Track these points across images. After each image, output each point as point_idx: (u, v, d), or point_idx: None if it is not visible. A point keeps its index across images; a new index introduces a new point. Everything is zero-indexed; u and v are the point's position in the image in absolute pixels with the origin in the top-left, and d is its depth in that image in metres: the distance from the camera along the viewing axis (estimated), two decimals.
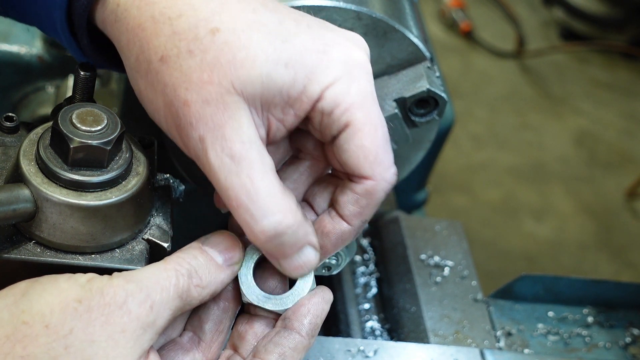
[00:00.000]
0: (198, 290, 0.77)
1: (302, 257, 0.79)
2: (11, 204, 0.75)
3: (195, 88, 0.74)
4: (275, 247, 0.77)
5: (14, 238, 0.78)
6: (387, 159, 0.80)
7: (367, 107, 0.78)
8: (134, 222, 0.81)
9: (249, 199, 0.74)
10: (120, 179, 0.79)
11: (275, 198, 0.75)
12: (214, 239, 0.81)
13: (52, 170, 0.77)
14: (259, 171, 0.74)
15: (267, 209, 0.74)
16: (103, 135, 0.77)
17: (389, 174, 0.80)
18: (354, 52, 0.80)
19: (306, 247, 0.79)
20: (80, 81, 0.86)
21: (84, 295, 0.71)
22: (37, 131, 0.81)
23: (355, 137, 0.77)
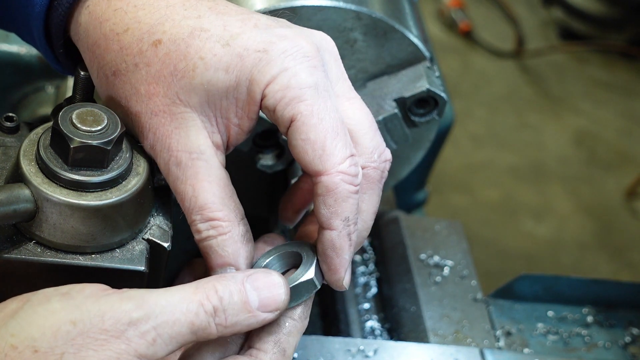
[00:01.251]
0: (219, 328, 0.73)
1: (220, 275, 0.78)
2: (11, 204, 0.75)
3: (143, 100, 0.78)
4: (204, 249, 0.80)
5: (14, 238, 0.78)
6: (337, 150, 0.77)
7: (310, 98, 0.76)
8: (134, 222, 0.81)
9: (190, 205, 0.78)
10: (121, 179, 0.79)
11: (213, 207, 0.78)
12: (261, 280, 0.76)
13: (53, 170, 0.77)
14: (202, 180, 0.78)
15: (205, 215, 0.78)
16: (103, 135, 0.77)
17: (345, 165, 0.77)
18: (298, 43, 0.78)
19: (230, 269, 0.80)
20: (80, 81, 0.86)
21: (79, 318, 0.68)
22: (37, 131, 0.81)
23: (300, 131, 0.76)
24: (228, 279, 0.75)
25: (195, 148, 0.78)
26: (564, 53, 4.27)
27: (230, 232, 0.79)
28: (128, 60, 0.78)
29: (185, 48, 0.76)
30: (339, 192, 0.77)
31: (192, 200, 0.78)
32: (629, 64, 4.26)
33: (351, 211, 0.78)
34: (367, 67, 1.02)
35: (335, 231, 0.79)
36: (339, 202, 0.77)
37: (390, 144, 1.02)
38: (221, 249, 0.79)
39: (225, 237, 0.79)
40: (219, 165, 0.80)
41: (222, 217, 0.79)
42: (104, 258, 0.79)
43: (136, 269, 0.79)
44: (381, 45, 1.00)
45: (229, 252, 0.79)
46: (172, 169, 0.79)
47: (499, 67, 4.12)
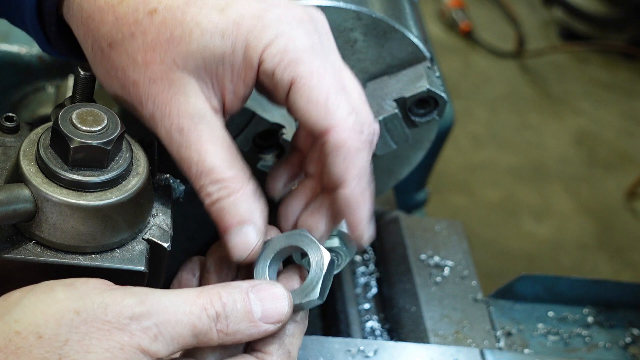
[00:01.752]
0: (220, 335, 0.73)
1: (241, 233, 0.79)
2: (11, 204, 0.75)
3: (141, 68, 0.78)
4: (218, 212, 0.79)
5: (14, 238, 0.77)
6: (341, 106, 0.77)
7: (308, 60, 0.77)
8: (134, 222, 0.81)
9: (197, 170, 0.78)
10: (120, 179, 0.79)
11: (221, 168, 0.78)
12: (266, 291, 0.76)
13: (52, 170, 0.77)
14: (206, 144, 0.78)
15: (213, 177, 0.78)
16: (103, 135, 0.77)
17: (350, 120, 0.77)
18: (292, 10, 0.79)
19: (247, 225, 0.79)
20: (80, 81, 0.86)
21: (82, 307, 0.68)
22: (37, 131, 0.81)
23: (302, 93, 0.77)
24: (233, 287, 0.75)
25: (196, 112, 0.78)
26: (564, 53, 4.27)
27: (242, 190, 0.78)
28: (124, 30, 0.78)
29: (182, 15, 0.77)
30: (348, 147, 0.77)
31: (199, 165, 0.78)
32: (630, 64, 4.26)
33: (363, 166, 0.78)
34: (367, 67, 1.02)
35: (349, 189, 0.78)
36: (350, 157, 0.77)
37: (390, 144, 1.02)
38: (235, 208, 0.78)
39: (237, 195, 0.78)
40: (221, 127, 0.79)
41: (231, 176, 0.78)
42: (103, 258, 0.79)
43: (136, 269, 0.79)
44: (381, 45, 1.00)
45: (244, 210, 0.78)
46: (174, 135, 0.78)
47: (500, 67, 4.12)
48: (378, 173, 1.13)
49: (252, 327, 0.74)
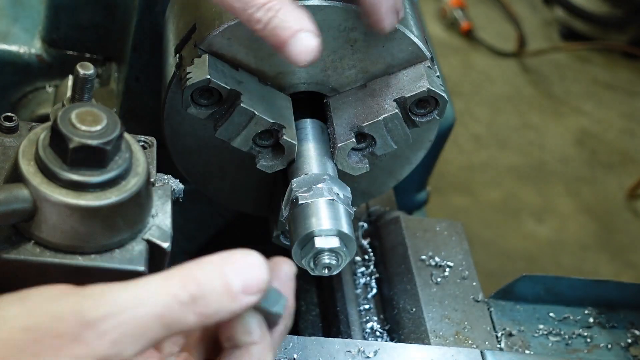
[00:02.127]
0: (200, 318, 0.68)
1: (298, 42, 0.85)
2: (10, 204, 0.75)
3: None
4: (272, 32, 0.85)
5: (13, 238, 0.77)
6: None
7: None
8: (134, 222, 0.80)
9: (240, 4, 0.85)
10: (120, 179, 0.79)
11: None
12: (240, 261, 0.71)
13: (52, 170, 0.76)
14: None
15: (257, 2, 0.85)
16: (103, 135, 0.77)
17: None
18: None
19: (301, 32, 0.85)
20: (79, 81, 0.86)
21: (32, 324, 0.64)
22: (36, 131, 0.81)
23: None
24: (204, 263, 0.70)
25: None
26: (565, 53, 4.26)
27: (285, 5, 0.85)
28: None
29: None
30: None
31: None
32: (631, 63, 4.25)
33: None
34: (367, 67, 1.02)
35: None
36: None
37: (390, 144, 1.01)
38: (286, 22, 0.85)
39: (283, 10, 0.85)
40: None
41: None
42: (103, 258, 0.78)
43: (135, 269, 0.79)
44: (381, 45, 1.00)
45: (294, 18, 0.86)
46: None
47: (500, 66, 4.12)
48: (378, 173, 1.13)
49: (233, 303, 0.69)
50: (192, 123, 1.03)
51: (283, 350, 0.98)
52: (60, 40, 1.35)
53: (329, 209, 0.95)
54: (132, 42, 1.23)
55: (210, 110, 0.98)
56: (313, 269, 0.95)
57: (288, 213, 0.97)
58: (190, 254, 1.42)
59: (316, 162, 1.00)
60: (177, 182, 0.90)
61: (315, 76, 1.02)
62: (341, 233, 0.93)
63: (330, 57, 1.00)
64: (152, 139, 0.91)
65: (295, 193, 0.97)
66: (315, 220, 0.94)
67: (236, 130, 0.98)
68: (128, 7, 1.30)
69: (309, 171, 0.99)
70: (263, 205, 1.13)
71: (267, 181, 1.09)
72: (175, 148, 1.06)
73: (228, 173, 1.10)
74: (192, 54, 0.97)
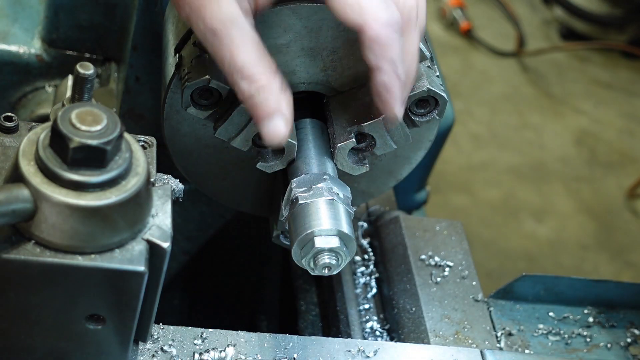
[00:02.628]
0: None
1: (272, 124, 0.89)
2: (10, 204, 0.75)
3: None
4: (251, 106, 0.89)
5: (13, 238, 0.77)
6: (374, 4, 0.86)
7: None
8: (134, 222, 0.80)
9: (230, 67, 0.88)
10: (120, 179, 0.79)
11: (251, 66, 0.88)
12: None
13: (52, 170, 0.76)
14: (238, 45, 0.87)
15: (244, 74, 0.88)
16: (102, 135, 0.77)
17: (382, 15, 0.86)
18: None
19: (277, 115, 0.89)
20: (79, 81, 0.86)
21: None
22: (36, 131, 0.81)
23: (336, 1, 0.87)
24: None
25: (228, 16, 0.87)
26: (565, 52, 4.27)
27: (270, 84, 0.89)
28: None
29: None
30: (381, 40, 0.87)
31: (232, 63, 0.88)
32: (630, 63, 4.26)
33: (396, 53, 0.89)
34: (367, 67, 1.01)
35: (383, 72, 0.89)
36: (384, 47, 0.88)
37: (390, 144, 1.01)
38: (265, 100, 0.89)
39: (266, 89, 0.89)
40: (250, 28, 0.89)
41: (261, 71, 0.88)
42: (103, 258, 0.78)
43: (136, 269, 0.79)
44: None
45: (273, 101, 0.89)
46: (208, 37, 0.88)
47: (500, 66, 4.12)
48: (378, 173, 1.13)
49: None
50: (192, 123, 1.03)
51: (283, 350, 0.99)
52: (60, 40, 1.35)
53: (328, 208, 0.95)
54: (132, 42, 1.23)
55: (210, 110, 0.98)
56: (313, 268, 0.95)
57: (288, 213, 0.97)
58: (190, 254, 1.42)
59: (316, 162, 1.00)
60: (177, 182, 0.90)
61: (315, 76, 1.02)
62: (341, 233, 0.93)
63: (330, 57, 1.00)
64: (152, 139, 0.91)
65: (295, 193, 0.97)
66: (315, 220, 0.94)
67: (236, 130, 0.98)
68: (127, 7, 1.30)
69: (309, 171, 0.99)
70: (263, 205, 1.13)
71: (267, 181, 1.09)
72: (175, 148, 1.06)
73: (228, 173, 1.10)
74: (192, 53, 0.97)
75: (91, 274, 0.78)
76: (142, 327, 0.88)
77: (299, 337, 1.01)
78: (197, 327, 0.98)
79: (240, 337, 0.98)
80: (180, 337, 0.96)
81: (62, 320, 0.81)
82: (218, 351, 0.96)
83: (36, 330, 0.82)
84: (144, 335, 0.89)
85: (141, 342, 0.92)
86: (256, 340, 0.98)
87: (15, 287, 0.78)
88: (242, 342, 0.97)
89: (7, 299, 0.79)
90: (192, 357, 0.95)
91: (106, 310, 0.81)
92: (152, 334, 0.96)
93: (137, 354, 0.93)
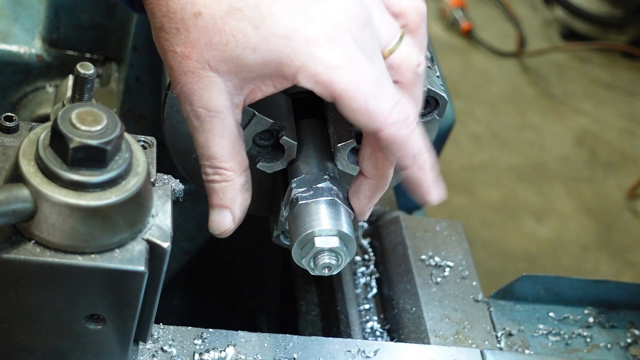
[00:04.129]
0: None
1: (219, 215, 0.93)
2: (10, 203, 0.74)
3: (178, 59, 0.88)
4: (209, 190, 0.93)
5: (13, 238, 0.77)
6: (382, 107, 0.86)
7: (340, 79, 0.85)
8: (134, 222, 0.80)
9: (201, 152, 0.91)
10: (120, 179, 0.79)
11: (220, 158, 0.91)
12: None
13: (52, 170, 0.76)
14: (215, 135, 0.90)
15: (213, 164, 0.91)
16: (103, 135, 0.77)
17: (394, 116, 0.86)
18: (324, 25, 0.85)
19: (226, 211, 0.93)
20: (80, 81, 0.86)
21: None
22: (36, 131, 0.81)
23: (344, 105, 0.86)
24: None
25: (214, 108, 0.88)
26: (565, 53, 4.27)
27: (232, 181, 0.92)
28: (172, 23, 0.88)
29: (222, 25, 0.86)
30: (398, 140, 0.88)
31: (205, 150, 0.91)
32: (631, 63, 4.26)
33: (416, 147, 0.89)
34: None
35: (410, 168, 0.90)
36: (402, 146, 0.88)
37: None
38: (222, 193, 0.92)
39: (227, 184, 0.92)
40: (234, 123, 0.90)
41: (227, 167, 0.91)
42: (103, 258, 0.78)
43: (136, 269, 0.79)
44: None
45: (228, 197, 0.92)
46: (192, 120, 0.90)
47: (500, 66, 4.12)
48: None
49: None
50: None
51: (283, 350, 0.99)
52: (60, 40, 1.35)
53: (329, 208, 0.95)
54: (133, 42, 1.23)
55: None
56: (313, 268, 0.95)
57: (288, 213, 0.97)
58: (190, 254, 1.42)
59: (316, 162, 1.00)
60: (177, 182, 0.90)
61: None
62: (341, 233, 0.93)
63: None
64: (152, 139, 0.91)
65: (295, 193, 0.97)
66: (315, 220, 0.94)
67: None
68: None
69: (309, 171, 0.99)
70: (263, 205, 1.13)
71: (267, 181, 1.09)
72: (175, 148, 1.06)
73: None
74: None
75: (91, 274, 0.78)
76: (142, 327, 0.88)
77: (299, 337, 1.01)
78: (197, 327, 0.98)
79: (240, 337, 0.98)
80: (180, 337, 0.96)
81: (62, 320, 0.81)
82: (218, 351, 0.96)
83: (36, 330, 0.82)
84: (144, 335, 0.89)
85: (141, 342, 0.92)
86: (256, 340, 0.98)
87: (15, 287, 0.78)
88: (242, 342, 0.97)
89: (7, 299, 0.79)
90: (192, 357, 0.95)
91: (106, 310, 0.81)
92: (152, 334, 0.96)
93: (137, 354, 0.93)
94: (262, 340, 0.98)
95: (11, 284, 0.78)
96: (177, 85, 0.89)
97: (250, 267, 1.53)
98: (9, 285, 0.78)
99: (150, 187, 0.83)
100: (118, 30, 1.35)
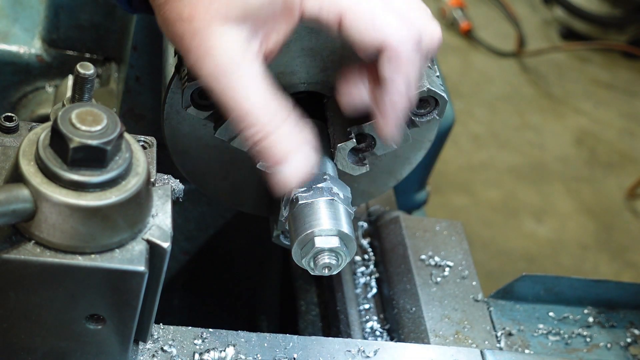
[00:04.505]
0: None
1: (280, 174, 0.87)
2: (10, 204, 0.75)
3: (186, 24, 0.85)
4: (257, 154, 0.87)
5: (13, 238, 0.77)
6: (391, 22, 0.84)
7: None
8: (134, 222, 0.80)
9: (235, 115, 0.86)
10: (120, 179, 0.79)
11: (255, 113, 0.85)
12: None
13: (52, 170, 0.76)
14: (242, 91, 0.85)
15: (249, 121, 0.85)
16: (103, 135, 0.77)
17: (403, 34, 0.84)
18: None
19: (284, 164, 0.86)
20: (80, 81, 0.86)
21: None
22: (36, 131, 0.81)
23: (351, 27, 0.84)
24: None
25: (232, 62, 0.85)
26: (565, 53, 4.27)
27: (278, 131, 0.85)
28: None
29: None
30: (402, 55, 0.85)
31: (236, 110, 0.85)
32: (630, 63, 4.26)
33: (413, 71, 0.86)
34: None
35: (395, 86, 0.87)
36: (403, 62, 0.86)
37: (390, 144, 1.01)
38: (271, 149, 0.86)
39: (273, 137, 0.85)
40: (258, 71, 0.86)
41: (266, 120, 0.85)
42: (103, 258, 0.78)
43: (136, 269, 0.79)
44: None
45: (280, 150, 0.86)
46: (213, 83, 0.85)
47: (500, 66, 4.12)
48: (378, 173, 1.13)
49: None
50: (192, 123, 1.03)
51: (283, 350, 0.99)
52: (60, 40, 1.36)
53: (329, 209, 0.95)
54: (132, 42, 1.23)
55: (210, 111, 0.98)
56: (313, 268, 0.95)
57: (288, 213, 0.97)
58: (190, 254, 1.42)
59: (316, 162, 1.00)
60: (177, 182, 0.90)
61: (315, 76, 1.02)
62: (341, 233, 0.93)
63: (330, 57, 1.00)
64: (152, 139, 0.91)
65: (295, 193, 0.97)
66: (315, 220, 0.94)
67: (236, 130, 0.98)
68: None
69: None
70: (263, 205, 1.13)
71: (267, 181, 1.09)
72: (175, 148, 1.06)
73: (228, 173, 1.10)
74: None
75: (91, 274, 0.78)
76: (142, 327, 0.88)
77: (299, 337, 1.01)
78: (197, 327, 0.98)
79: (240, 337, 0.98)
80: (180, 337, 0.96)
81: (62, 320, 0.81)
82: (218, 351, 0.96)
83: (36, 330, 0.82)
84: (144, 335, 0.89)
85: (141, 342, 0.92)
86: (256, 340, 0.98)
87: (15, 287, 0.78)
88: (242, 342, 0.97)
89: (7, 299, 0.79)
90: (192, 357, 0.95)
91: (106, 310, 0.81)
92: (152, 334, 0.96)
93: (137, 354, 0.93)
94: (262, 340, 0.98)
95: (11, 284, 0.78)
96: (190, 53, 0.86)
97: (250, 267, 1.53)
98: (9, 285, 0.78)
99: (150, 187, 0.83)
100: (118, 30, 1.35)
